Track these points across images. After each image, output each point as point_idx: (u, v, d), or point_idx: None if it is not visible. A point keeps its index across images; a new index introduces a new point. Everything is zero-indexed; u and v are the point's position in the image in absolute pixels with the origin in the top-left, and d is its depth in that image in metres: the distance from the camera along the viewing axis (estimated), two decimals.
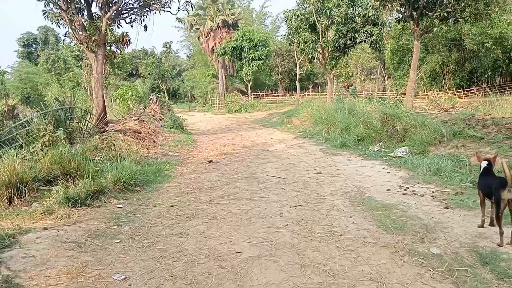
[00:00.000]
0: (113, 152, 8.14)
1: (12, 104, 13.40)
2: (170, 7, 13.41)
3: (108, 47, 14.27)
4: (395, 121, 10.27)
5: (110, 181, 6.53)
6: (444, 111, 12.64)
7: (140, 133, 12.04)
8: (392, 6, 13.49)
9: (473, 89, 34.85)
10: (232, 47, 38.25)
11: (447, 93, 32.31)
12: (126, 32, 13.74)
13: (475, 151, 7.61)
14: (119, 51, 16.08)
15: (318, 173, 7.91)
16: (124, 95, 24.07)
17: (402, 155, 9.00)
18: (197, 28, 48.81)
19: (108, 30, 12.89)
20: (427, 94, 33.62)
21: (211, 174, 8.33)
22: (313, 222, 4.92)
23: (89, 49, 13.25)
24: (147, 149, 10.46)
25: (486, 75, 34.87)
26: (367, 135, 11.12)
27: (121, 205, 5.90)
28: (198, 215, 5.42)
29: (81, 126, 10.39)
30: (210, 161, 9.60)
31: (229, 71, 47.48)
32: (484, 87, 35.58)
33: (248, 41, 37.65)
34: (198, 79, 53.98)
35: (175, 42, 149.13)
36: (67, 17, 12.64)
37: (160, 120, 19.79)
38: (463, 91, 34.15)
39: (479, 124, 8.88)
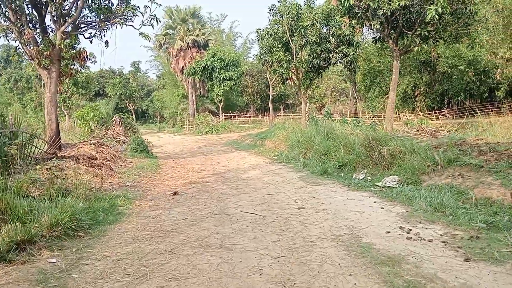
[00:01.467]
0: (56, 185, 6.76)
1: None
2: (132, 21, 12.24)
3: (64, 64, 12.90)
4: (380, 146, 9.36)
5: (44, 225, 5.18)
6: (429, 134, 11.90)
7: (96, 159, 10.64)
8: (371, 24, 12.82)
9: (444, 111, 35.10)
10: (203, 66, 37.30)
11: (419, 114, 32.35)
12: (83, 48, 12.44)
13: (476, 181, 6.74)
14: (79, 68, 14.75)
15: (301, 208, 6.80)
16: (85, 116, 22.45)
17: (391, 185, 8.04)
18: (166, 48, 47.73)
19: (62, 45, 11.55)
20: (399, 116, 33.67)
21: (174, 210, 7.07)
22: (303, 284, 3.77)
23: (41, 66, 11.86)
24: (101, 178, 9.09)
25: (458, 97, 35.22)
26: (349, 161, 10.15)
27: (54, 260, 4.57)
28: (152, 273, 4.17)
29: (25, 152, 8.96)
30: (175, 193, 8.34)
31: (200, 92, 46.40)
32: (455, 109, 36.00)
33: (219, 60, 36.81)
34: (168, 100, 52.63)
35: (144, 62, 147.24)
36: (16, 29, 11.26)
37: (123, 143, 18.34)
38: (435, 113, 34.31)
39: (474, 150, 8.04)
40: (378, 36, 15.11)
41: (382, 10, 12.03)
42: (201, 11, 47.22)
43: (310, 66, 19.01)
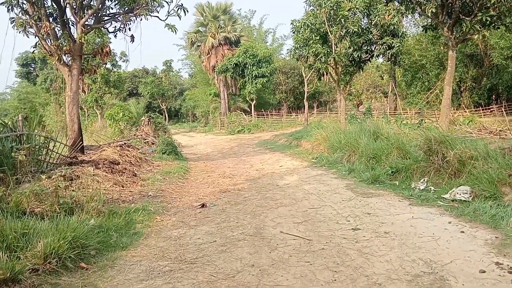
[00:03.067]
0: (63, 198, 5.74)
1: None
2: (158, 12, 11.22)
3: (87, 60, 12.06)
4: (445, 150, 7.86)
5: (37, 255, 4.13)
6: (495, 135, 10.26)
7: (118, 163, 9.67)
8: (423, 10, 11.21)
9: (492, 107, 32.49)
10: (234, 63, 36.20)
11: (465, 111, 30.02)
12: (106, 42, 11.52)
13: None
14: (102, 64, 13.95)
15: (355, 229, 5.48)
16: (115, 115, 21.84)
17: (463, 198, 6.56)
18: (198, 46, 46.98)
19: (83, 40, 10.66)
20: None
21: (201, 229, 5.90)
22: None
23: (62, 62, 11.03)
24: (122, 187, 8.07)
25: (509, 92, 32.54)
26: (404, 167, 8.68)
27: None
28: None
29: (39, 157, 8.07)
30: (203, 205, 7.19)
31: (232, 90, 45.40)
32: (504, 106, 33.28)
33: (251, 57, 35.60)
34: (200, 98, 52.01)
35: (176, 60, 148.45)
36: (33, 23, 10.45)
37: (152, 144, 17.49)
38: (482, 110, 31.80)
39: None
40: (429, 24, 13.46)
41: None
42: (233, 7, 46.15)
43: (350, 59, 17.47)
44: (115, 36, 12.45)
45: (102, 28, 12.24)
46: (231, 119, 38.64)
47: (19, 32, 11.15)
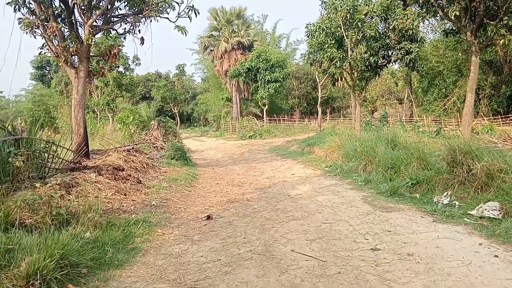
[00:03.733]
0: (57, 209, 5.32)
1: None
2: (168, 13, 10.83)
3: (95, 62, 11.73)
4: (470, 161, 7.27)
5: (18, 275, 3.70)
6: None
7: (123, 170, 9.27)
8: (447, 12, 10.61)
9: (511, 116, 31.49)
10: (247, 68, 35.82)
11: (483, 119, 29.09)
12: (115, 44, 11.19)
13: None
14: (112, 66, 13.63)
15: (375, 249, 4.95)
16: (125, 119, 21.55)
17: (492, 215, 5.98)
18: (211, 50, 46.80)
19: (90, 41, 10.33)
20: (460, 121, 30.52)
21: (205, 244, 5.42)
22: None
23: (68, 64, 10.71)
24: (124, 195, 7.65)
25: None
26: (426, 178, 8.11)
27: None
28: None
29: (40, 163, 7.71)
30: (208, 217, 6.71)
31: (244, 95, 45.05)
32: None
33: (264, 61, 35.18)
34: (212, 103, 51.81)
35: (189, 65, 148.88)
36: (40, 23, 10.16)
37: (161, 148, 17.13)
38: (501, 118, 30.81)
39: None
40: (450, 28, 12.84)
41: None
42: (246, 11, 45.83)
43: (366, 64, 16.93)
44: (124, 38, 12.13)
45: (111, 30, 11.92)
46: (243, 124, 38.22)
47: (26, 33, 10.89)
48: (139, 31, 12.05)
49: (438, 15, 11.80)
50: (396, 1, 17.02)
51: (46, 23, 10.24)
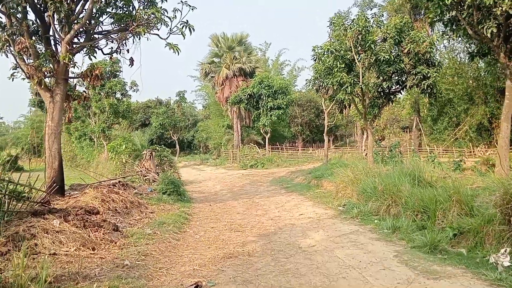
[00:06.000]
0: None
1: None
2: (158, 29, 9.45)
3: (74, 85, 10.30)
4: None
5: None
6: None
7: (98, 213, 7.65)
8: (482, 28, 9.19)
9: None
10: (249, 94, 34.56)
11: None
12: (94, 64, 9.76)
13: None
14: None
15: None
16: (117, 148, 20.05)
17: None
18: (212, 77, 45.82)
19: (67, 60, 8.88)
20: (473, 151, 28.95)
21: None
22: None
23: (42, 86, 9.25)
24: (92, 249, 5.99)
25: None
26: (472, 228, 6.46)
27: None
28: None
29: None
30: (196, 286, 5.03)
31: (245, 122, 43.73)
32: None
33: (266, 87, 33.91)
34: (213, 130, 50.47)
35: (189, 91, 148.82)
36: (9, 39, 8.76)
37: (153, 181, 15.51)
38: None
39: None
40: (477, 50, 11.45)
41: (500, 8, 8.47)
42: (248, 38, 45.01)
43: (379, 90, 15.51)
44: (110, 58, 10.74)
45: (96, 49, 10.54)
46: (244, 152, 36.63)
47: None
48: (128, 50, 10.70)
49: (465, 34, 10.41)
50: (410, 24, 15.75)
51: (17, 38, 8.83)
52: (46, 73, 9.06)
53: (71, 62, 9.10)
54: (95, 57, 10.37)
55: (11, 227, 6.06)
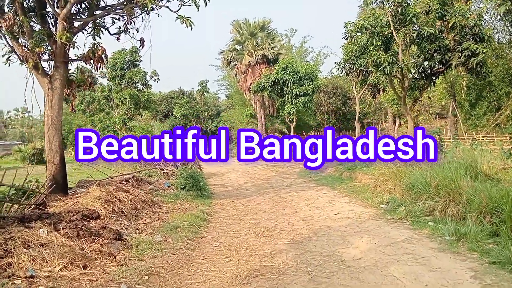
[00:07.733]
0: None
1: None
2: (168, 0, 8.15)
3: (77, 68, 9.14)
4: None
5: None
6: None
7: (98, 217, 6.47)
8: None
9: None
10: (273, 81, 32.92)
11: None
12: (97, 43, 8.54)
13: None
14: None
15: None
16: None
17: None
18: (234, 65, 44.42)
19: (64, 39, 7.68)
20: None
21: None
22: None
23: (40, 71, 8.11)
24: (83, 267, 4.79)
25: None
26: None
27: None
28: None
29: None
30: None
31: (269, 111, 42.24)
32: None
33: (291, 73, 32.16)
34: (236, 120, 49.26)
35: (211, 81, 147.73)
36: None
37: (172, 175, 14.37)
38: None
39: None
40: None
41: None
42: (271, 24, 43.22)
43: (420, 70, 13.82)
44: (118, 39, 9.51)
45: (102, 29, 9.33)
46: None
47: None
48: (137, 30, 9.46)
49: None
50: None
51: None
52: (42, 54, 7.92)
53: (70, 42, 7.90)
54: (100, 37, 9.15)
55: None
